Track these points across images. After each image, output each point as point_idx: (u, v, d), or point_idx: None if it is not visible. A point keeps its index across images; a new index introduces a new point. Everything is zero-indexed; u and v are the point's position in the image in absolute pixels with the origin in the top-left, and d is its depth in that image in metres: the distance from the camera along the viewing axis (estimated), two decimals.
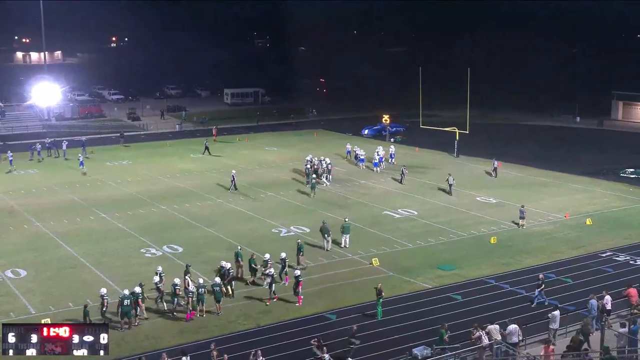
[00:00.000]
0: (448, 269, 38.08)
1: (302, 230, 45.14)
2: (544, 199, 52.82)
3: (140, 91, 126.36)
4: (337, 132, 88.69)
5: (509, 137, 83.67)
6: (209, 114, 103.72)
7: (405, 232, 44.89)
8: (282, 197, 54.32)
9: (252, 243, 42.19)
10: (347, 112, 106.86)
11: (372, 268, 38.17)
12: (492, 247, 41.71)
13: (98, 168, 66.42)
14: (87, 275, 37.44)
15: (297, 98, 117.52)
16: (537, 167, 64.97)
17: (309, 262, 38.61)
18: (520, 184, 58.53)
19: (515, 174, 62.80)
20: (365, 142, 75.40)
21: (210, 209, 50.94)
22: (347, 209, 50.38)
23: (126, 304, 30.85)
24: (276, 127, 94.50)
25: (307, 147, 75.88)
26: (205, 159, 70.42)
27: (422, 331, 30.47)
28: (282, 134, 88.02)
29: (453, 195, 53.85)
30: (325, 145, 77.79)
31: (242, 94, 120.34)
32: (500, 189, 56.48)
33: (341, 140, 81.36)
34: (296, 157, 67.94)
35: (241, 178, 60.84)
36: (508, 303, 33.44)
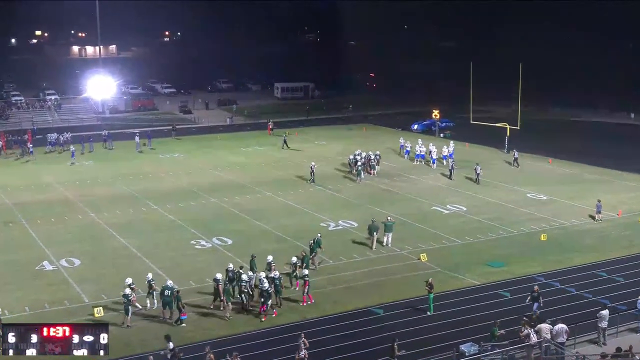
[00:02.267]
0: (497, 265, 37.73)
1: (350, 224, 45.16)
2: (596, 197, 51.90)
3: (192, 85, 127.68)
4: (386, 127, 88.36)
5: (561, 133, 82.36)
6: (259, 108, 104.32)
7: (454, 228, 44.59)
8: (329, 191, 54.42)
9: (299, 237, 42.31)
10: (396, 107, 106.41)
11: (420, 263, 38.02)
12: (543, 245, 41.19)
13: (150, 160, 67.38)
14: (139, 265, 38.04)
15: (346, 92, 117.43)
16: (590, 164, 63.87)
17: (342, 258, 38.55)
18: (573, 181, 57.63)
19: (567, 170, 61.85)
20: (415, 138, 74.92)
21: (259, 202, 51.28)
22: (395, 204, 50.23)
23: (167, 294, 31.07)
24: (326, 121, 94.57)
25: (356, 141, 75.78)
26: (255, 152, 70.93)
27: (469, 327, 30.25)
28: (331, 128, 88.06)
29: (496, 191, 53.30)
30: (374, 139, 77.54)
31: (292, 88, 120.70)
32: (552, 186, 55.68)
33: (390, 135, 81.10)
34: (345, 150, 67.95)
35: (290, 171, 61.12)
36: (557, 301, 32.98)
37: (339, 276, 36.25)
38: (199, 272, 36.35)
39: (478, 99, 76.05)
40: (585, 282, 35.32)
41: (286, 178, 58.90)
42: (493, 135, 73.69)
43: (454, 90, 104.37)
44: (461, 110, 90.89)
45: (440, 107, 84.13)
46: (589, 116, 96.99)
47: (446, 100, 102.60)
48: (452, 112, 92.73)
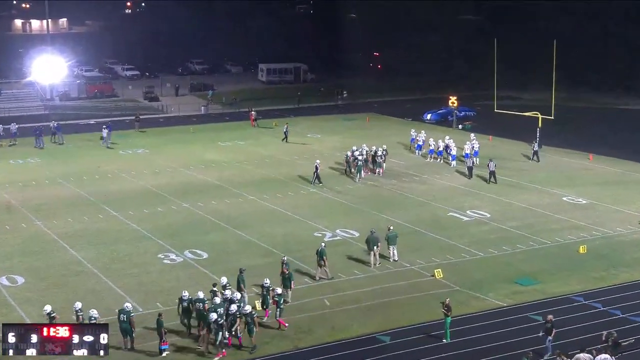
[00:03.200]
0: (527, 283, 37.74)
1: (350, 234, 45.15)
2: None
3: (159, 67, 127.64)
4: (394, 117, 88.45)
5: (604, 124, 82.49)
6: (241, 93, 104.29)
7: (475, 238, 44.61)
8: (326, 194, 54.41)
9: (289, 250, 42.29)
10: (406, 93, 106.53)
11: (435, 281, 38.01)
12: (582, 258, 41.22)
13: (109, 157, 67.30)
14: (94, 284, 37.92)
15: (346, 75, 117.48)
16: (638, 161, 64.00)
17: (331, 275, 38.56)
18: (617, 181, 57.73)
19: (611, 168, 61.96)
20: (429, 130, 75.01)
21: (241, 207, 51.22)
22: (405, 209, 50.24)
23: (123, 319, 30.94)
24: (321, 110, 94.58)
25: (356, 134, 75.82)
26: (236, 148, 70.87)
27: (495, 358, 30.22)
28: (328, 119, 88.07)
29: (525, 193, 53.35)
30: (379, 132, 77.59)
31: (280, 70, 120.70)
32: (593, 187, 55.75)
33: (398, 126, 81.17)
34: (343, 145, 67.98)
35: (277, 171, 61.10)
36: (600, 326, 32.99)
37: (337, 297, 36.20)
38: (168, 293, 36.27)
39: (504, 83, 76.20)
40: (633, 304, 35.31)
41: (273, 178, 58.86)
42: (522, 127, 73.77)
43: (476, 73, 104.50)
44: (484, 97, 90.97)
45: (459, 93, 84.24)
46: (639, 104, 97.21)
47: (466, 84, 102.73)
48: (472, 99, 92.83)
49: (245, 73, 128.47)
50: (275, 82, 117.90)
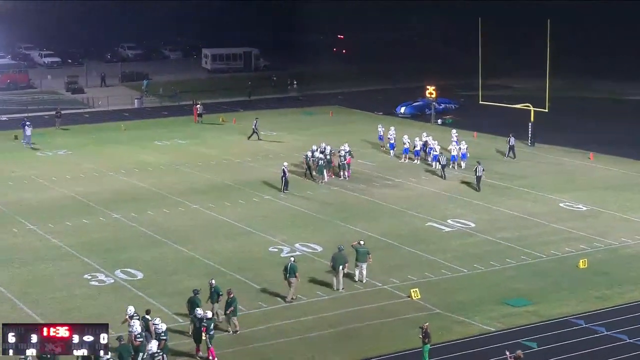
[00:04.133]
0: (519, 304, 37.98)
1: (312, 249, 45.17)
2: None
3: (84, 52, 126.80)
4: (362, 111, 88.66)
5: (607, 117, 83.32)
6: (182, 84, 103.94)
7: (458, 251, 44.84)
8: (284, 201, 54.41)
9: (241, 268, 42.24)
10: (376, 82, 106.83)
11: (411, 303, 38.14)
12: (582, 274, 41.57)
13: (25, 160, 66.71)
14: (8, 310, 37.54)
15: (306, 61, 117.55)
16: None
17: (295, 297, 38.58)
18: (622, 184, 58.31)
19: (614, 169, 62.59)
20: (401, 125, 75.35)
21: (182, 218, 51.06)
22: (376, 219, 50.38)
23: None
24: (276, 103, 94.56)
25: (318, 131, 75.92)
26: (176, 148, 70.66)
27: None
28: (285, 113, 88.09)
29: (516, 199, 53.79)
30: (344, 128, 77.76)
31: (228, 55, 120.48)
32: (595, 191, 56.29)
33: (367, 121, 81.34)
34: (304, 144, 68.04)
35: (225, 175, 60.99)
36: (604, 353, 33.35)
37: (295, 323, 36.19)
38: (96, 319, 36.01)
39: (491, 70, 76.77)
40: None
41: (221, 184, 58.76)
42: (512, 121, 74.33)
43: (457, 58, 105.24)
44: (467, 86, 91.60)
45: (438, 82, 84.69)
46: None
47: (447, 72, 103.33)
48: (454, 89, 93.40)
49: (187, 60, 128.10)
50: (222, 70, 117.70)
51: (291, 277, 37.89)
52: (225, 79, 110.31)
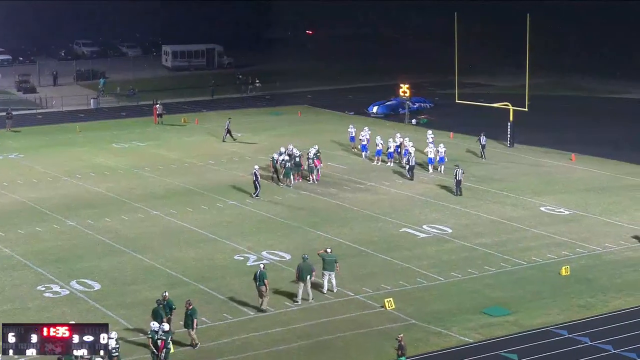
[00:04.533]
0: (498, 314, 38.07)
1: (280, 257, 45.09)
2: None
3: (37, 49, 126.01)
4: (332, 111, 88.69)
5: (588, 117, 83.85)
6: (141, 83, 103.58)
7: (435, 259, 44.91)
8: (250, 207, 54.34)
9: (204, 277, 42.10)
10: (347, 80, 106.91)
11: (385, 313, 38.15)
12: (564, 282, 41.73)
13: None
14: None
15: (273, 59, 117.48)
16: (631, 162, 65.15)
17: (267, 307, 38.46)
18: (605, 187, 58.67)
19: (597, 171, 62.97)
20: (374, 125, 75.44)
21: (142, 225, 50.85)
22: (347, 225, 50.40)
23: None
24: (241, 103, 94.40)
25: (286, 131, 75.89)
26: (135, 151, 70.41)
27: None
28: (250, 113, 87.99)
29: (495, 204, 53.97)
30: (314, 129, 77.79)
31: (190, 52, 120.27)
32: (576, 194, 56.59)
33: (338, 121, 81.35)
34: (271, 146, 68.02)
35: (187, 179, 60.82)
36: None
37: (262, 335, 36.09)
38: None
39: (467, 67, 76.95)
40: (626, 337, 35.81)
41: (182, 189, 58.59)
42: (490, 121, 74.65)
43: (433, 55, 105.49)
44: (443, 85, 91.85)
45: (413, 80, 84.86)
46: (632, 91, 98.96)
47: (421, 69, 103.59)
48: (430, 87, 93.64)
49: (146, 57, 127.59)
50: (184, 68, 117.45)
51: (260, 286, 37.85)
52: (186, 78, 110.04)
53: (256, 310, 37.96)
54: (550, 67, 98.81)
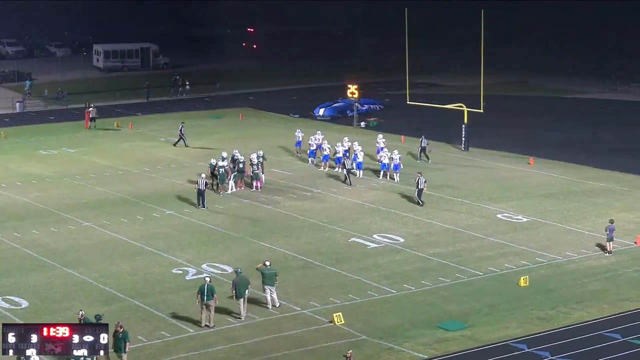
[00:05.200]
0: (454, 328, 38.18)
1: (221, 270, 44.95)
2: (601, 216, 53.40)
3: None
4: (275, 113, 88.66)
5: (548, 118, 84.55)
6: (71, 85, 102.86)
7: (386, 270, 44.96)
8: (188, 216, 54.13)
9: (140, 293, 41.84)
10: (292, 81, 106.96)
11: (334, 329, 38.12)
12: (523, 293, 41.98)
13: None
14: None
15: (214, 59, 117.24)
16: (591, 165, 65.83)
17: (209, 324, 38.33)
18: (565, 192, 59.19)
19: (556, 175, 63.52)
20: (320, 129, 75.48)
21: (72, 237, 50.43)
22: (293, 235, 50.36)
23: None
24: (179, 105, 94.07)
25: (226, 136, 75.76)
26: (65, 158, 69.90)
27: None
28: (189, 116, 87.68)
29: (450, 212, 54.22)
30: (256, 133, 77.76)
31: (123, 52, 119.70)
32: (534, 200, 57.02)
33: (281, 124, 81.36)
34: (210, 152, 67.85)
35: (121, 187, 60.47)
36: None
37: (203, 355, 35.91)
38: None
39: (419, 66, 77.27)
40: (589, 350, 36.11)
41: (116, 198, 58.25)
42: (444, 123, 75.02)
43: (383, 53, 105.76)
44: (394, 85, 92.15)
45: (361, 81, 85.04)
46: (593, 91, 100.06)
47: (370, 69, 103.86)
48: (379, 88, 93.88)
49: (76, 57, 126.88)
50: (116, 69, 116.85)
51: (209, 300, 37.58)
52: (120, 79, 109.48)
53: (197, 327, 37.80)
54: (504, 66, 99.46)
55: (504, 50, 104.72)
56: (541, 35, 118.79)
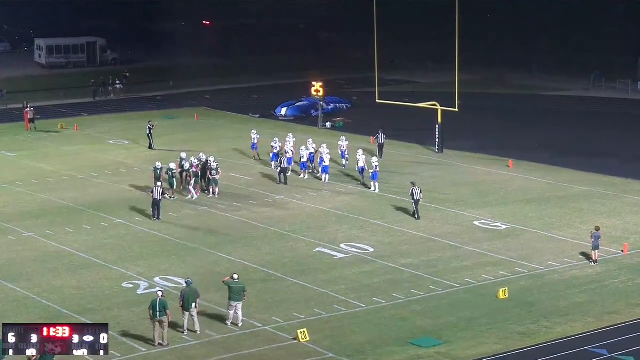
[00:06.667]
0: (428, 344, 38.23)
1: (176, 283, 44.81)
2: (586, 223, 53.72)
3: None
4: (234, 113, 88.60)
5: (527, 118, 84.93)
6: (11, 82, 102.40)
7: (354, 282, 44.97)
8: (139, 225, 53.96)
9: (88, 309, 41.63)
10: (251, 79, 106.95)
11: (299, 346, 38.10)
12: (502, 306, 42.10)
13: None
14: None
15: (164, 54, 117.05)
16: (573, 168, 66.14)
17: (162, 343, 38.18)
18: (547, 197, 59.41)
19: (537, 179, 63.75)
20: (282, 130, 75.51)
21: (12, 249, 50.17)
22: (253, 245, 50.31)
23: None
24: (129, 105, 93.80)
25: (180, 138, 75.62)
26: (4, 162, 69.60)
27: None
28: (139, 117, 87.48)
29: (423, 219, 54.35)
30: (212, 134, 77.70)
31: (67, 47, 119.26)
32: (514, 206, 57.23)
33: (240, 125, 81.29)
34: (164, 155, 67.74)
35: (66, 194, 60.22)
36: None
37: None
38: None
39: (388, 62, 77.42)
40: None
41: (61, 206, 57.98)
42: (415, 123, 75.16)
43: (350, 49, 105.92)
44: (362, 82, 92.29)
45: (327, 78, 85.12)
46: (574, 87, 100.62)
47: (336, 65, 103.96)
48: (346, 86, 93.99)
49: (16, 52, 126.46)
50: (61, 65, 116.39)
51: (162, 316, 37.42)
52: (64, 76, 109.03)
53: (150, 345, 37.67)
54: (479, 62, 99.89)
55: (479, 45, 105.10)
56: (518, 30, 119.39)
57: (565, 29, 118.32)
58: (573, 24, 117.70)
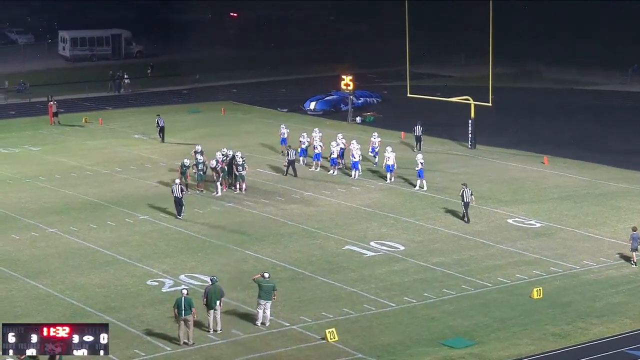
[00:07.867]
0: (460, 345, 38.19)
1: (201, 281, 44.85)
2: (623, 221, 53.49)
3: None
4: (261, 107, 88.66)
5: (562, 113, 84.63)
6: (34, 75, 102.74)
7: (384, 281, 44.97)
8: (164, 221, 54.08)
9: (112, 307, 41.76)
10: (279, 72, 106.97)
11: (327, 346, 38.10)
12: (536, 306, 42.01)
13: None
14: None
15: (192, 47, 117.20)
16: (611, 165, 65.85)
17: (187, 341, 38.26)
18: (583, 194, 59.19)
19: (573, 176, 63.53)
20: (311, 124, 75.50)
21: (36, 245, 50.38)
22: (281, 242, 50.33)
23: None
24: (155, 98, 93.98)
25: (206, 132, 75.80)
26: (27, 157, 69.86)
27: None
28: (166, 110, 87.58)
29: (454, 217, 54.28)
30: (239, 129, 77.76)
31: (92, 39, 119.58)
32: (549, 204, 57.04)
33: (267, 120, 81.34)
34: (188, 150, 67.81)
35: (90, 190, 60.40)
36: None
37: None
38: None
39: (419, 55, 77.23)
40: None
41: (84, 202, 58.21)
42: (448, 118, 74.99)
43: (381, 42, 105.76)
44: (393, 76, 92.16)
45: (357, 71, 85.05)
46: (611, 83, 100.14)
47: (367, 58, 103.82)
48: (377, 80, 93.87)
49: (39, 45, 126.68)
50: (85, 58, 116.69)
51: (187, 315, 37.47)
52: (88, 69, 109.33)
53: (175, 344, 37.75)
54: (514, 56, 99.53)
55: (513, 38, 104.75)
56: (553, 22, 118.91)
57: (598, 25, 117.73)
58: (607, 20, 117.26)
